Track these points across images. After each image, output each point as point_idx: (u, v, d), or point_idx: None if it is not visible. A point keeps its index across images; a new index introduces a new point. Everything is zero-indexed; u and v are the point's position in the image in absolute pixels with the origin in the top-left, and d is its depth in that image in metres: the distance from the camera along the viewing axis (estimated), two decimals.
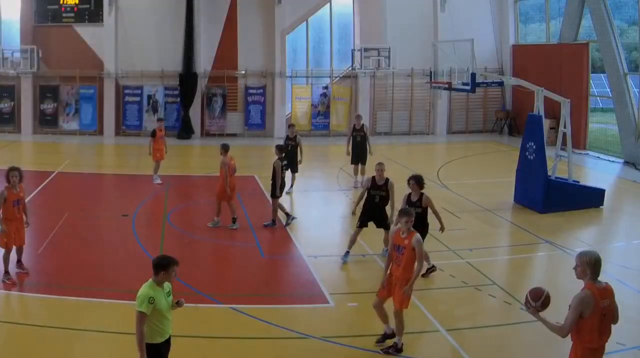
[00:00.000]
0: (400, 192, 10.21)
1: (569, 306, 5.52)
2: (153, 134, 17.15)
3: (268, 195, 15.66)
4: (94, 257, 10.90)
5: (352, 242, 10.84)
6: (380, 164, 10.82)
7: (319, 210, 15.22)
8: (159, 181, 16.86)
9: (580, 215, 14.16)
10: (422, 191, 9.70)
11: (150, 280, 5.85)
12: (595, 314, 5.38)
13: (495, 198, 15.53)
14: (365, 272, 10.32)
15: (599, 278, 5.51)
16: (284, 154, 13.22)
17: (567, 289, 9.74)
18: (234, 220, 12.69)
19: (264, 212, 14.04)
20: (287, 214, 13.17)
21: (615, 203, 15.58)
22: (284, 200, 15.36)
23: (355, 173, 16.58)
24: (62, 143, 24.26)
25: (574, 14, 23.19)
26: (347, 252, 10.83)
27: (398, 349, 7.41)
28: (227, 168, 12.41)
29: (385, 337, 7.65)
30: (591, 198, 14.70)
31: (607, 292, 5.52)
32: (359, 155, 16.40)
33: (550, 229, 12.91)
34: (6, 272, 9.43)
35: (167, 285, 5.93)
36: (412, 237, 7.36)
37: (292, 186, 15.87)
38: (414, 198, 9.65)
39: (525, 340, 8.03)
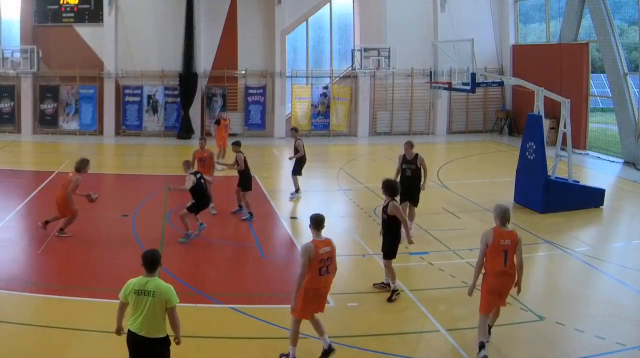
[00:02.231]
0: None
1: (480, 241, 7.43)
2: (217, 122, 19.60)
3: (268, 194, 15.73)
4: (94, 257, 10.90)
5: None
6: None
7: (319, 210, 15.16)
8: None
9: (580, 215, 14.16)
10: (395, 198, 9.14)
11: (156, 277, 5.98)
12: (495, 246, 7.28)
13: (495, 198, 15.37)
14: (365, 272, 10.32)
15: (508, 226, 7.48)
16: (240, 147, 13.78)
17: (567, 289, 9.81)
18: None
19: (265, 212, 14.06)
20: (239, 206, 13.79)
21: (615, 203, 15.58)
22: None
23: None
24: (62, 143, 24.26)
25: (574, 14, 23.19)
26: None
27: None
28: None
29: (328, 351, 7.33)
30: (591, 198, 14.70)
31: (509, 234, 7.38)
32: (408, 193, 12.02)
33: (550, 229, 12.91)
34: (62, 229, 11.81)
35: None
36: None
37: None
38: (385, 203, 9.18)
39: (525, 340, 8.03)
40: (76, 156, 21.88)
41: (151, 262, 5.94)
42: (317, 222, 7.38)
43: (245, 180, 13.56)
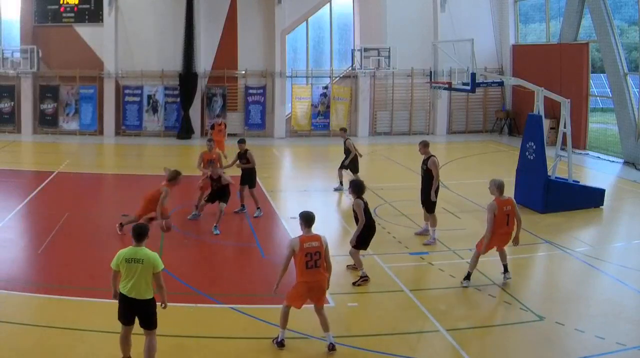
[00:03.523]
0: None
1: (487, 211, 9.34)
2: (212, 127, 19.37)
3: (268, 194, 15.73)
4: (94, 257, 10.89)
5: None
6: None
7: (319, 210, 15.17)
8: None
9: (580, 215, 14.16)
10: (360, 197, 9.87)
11: (144, 247, 6.82)
12: (501, 213, 9.30)
13: None
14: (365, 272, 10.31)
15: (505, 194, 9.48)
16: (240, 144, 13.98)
17: (567, 289, 9.81)
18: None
19: (265, 211, 14.04)
20: (242, 205, 13.97)
21: (615, 203, 15.57)
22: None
23: (426, 218, 12.21)
24: (62, 143, 24.26)
25: (574, 14, 23.19)
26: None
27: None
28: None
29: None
30: (591, 198, 14.70)
31: (507, 202, 9.44)
32: (422, 196, 11.99)
33: (550, 229, 12.91)
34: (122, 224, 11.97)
35: None
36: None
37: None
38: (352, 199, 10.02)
39: (525, 340, 8.04)
40: (76, 156, 22.27)
41: (139, 233, 6.85)
42: (306, 219, 7.63)
43: (252, 177, 13.73)
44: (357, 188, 9.93)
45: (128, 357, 7.01)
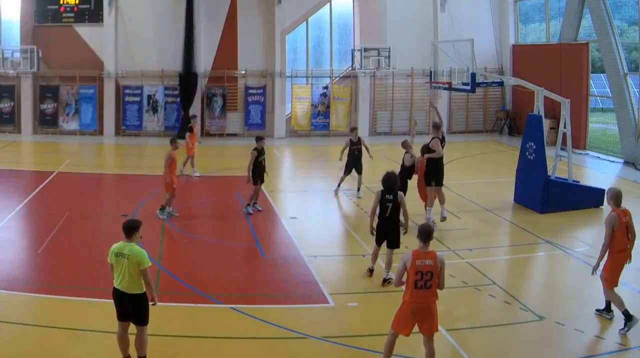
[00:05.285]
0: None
1: (605, 226, 8.26)
2: (190, 130, 18.30)
3: (268, 194, 15.72)
4: (94, 257, 10.89)
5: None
6: None
7: (319, 210, 15.22)
8: (197, 174, 17.73)
9: (580, 215, 14.16)
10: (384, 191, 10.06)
11: (134, 242, 6.96)
12: (621, 226, 8.24)
13: (495, 198, 15.52)
14: (365, 272, 10.31)
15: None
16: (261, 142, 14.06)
17: (567, 289, 9.82)
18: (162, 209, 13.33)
19: (265, 211, 14.04)
20: (253, 203, 13.89)
21: None
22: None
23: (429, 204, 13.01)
24: (62, 143, 24.26)
25: (574, 14, 23.20)
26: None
27: None
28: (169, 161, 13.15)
29: None
30: (591, 198, 14.69)
31: (627, 213, 8.43)
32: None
33: (550, 229, 12.90)
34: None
35: None
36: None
37: (358, 189, 15.83)
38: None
39: (525, 340, 8.04)
40: (76, 156, 22.27)
41: (127, 228, 7.00)
42: (423, 233, 6.92)
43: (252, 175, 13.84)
44: (386, 183, 9.86)
45: (127, 356, 7.01)
